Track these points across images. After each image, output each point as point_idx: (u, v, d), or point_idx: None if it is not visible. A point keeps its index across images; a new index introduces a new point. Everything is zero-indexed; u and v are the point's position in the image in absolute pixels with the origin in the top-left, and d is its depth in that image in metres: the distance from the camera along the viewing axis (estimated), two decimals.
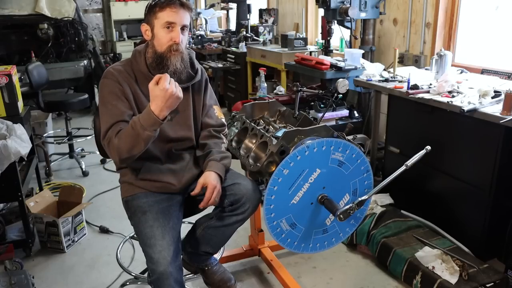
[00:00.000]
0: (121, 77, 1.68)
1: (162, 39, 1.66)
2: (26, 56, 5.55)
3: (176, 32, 1.65)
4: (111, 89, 1.67)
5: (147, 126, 1.53)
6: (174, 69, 1.68)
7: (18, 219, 2.74)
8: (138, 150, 1.59)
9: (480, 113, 2.11)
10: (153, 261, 1.58)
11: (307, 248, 1.74)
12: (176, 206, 1.77)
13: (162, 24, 1.64)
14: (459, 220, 2.40)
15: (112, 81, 1.68)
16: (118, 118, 1.64)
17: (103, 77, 1.71)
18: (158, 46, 1.68)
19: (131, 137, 1.56)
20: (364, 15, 3.45)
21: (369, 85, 2.96)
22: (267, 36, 5.23)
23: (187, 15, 1.67)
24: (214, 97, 1.96)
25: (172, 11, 1.63)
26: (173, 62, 1.67)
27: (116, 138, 1.60)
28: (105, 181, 3.68)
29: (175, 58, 1.67)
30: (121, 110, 1.65)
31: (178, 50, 1.67)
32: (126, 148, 1.58)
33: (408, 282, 2.20)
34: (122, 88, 1.66)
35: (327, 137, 1.65)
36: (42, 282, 2.38)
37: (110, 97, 1.66)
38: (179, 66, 1.68)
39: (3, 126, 2.44)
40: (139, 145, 1.57)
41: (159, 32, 1.66)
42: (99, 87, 1.72)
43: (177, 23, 1.64)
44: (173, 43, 1.66)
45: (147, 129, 1.53)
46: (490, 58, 2.97)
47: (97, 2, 8.52)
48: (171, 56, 1.66)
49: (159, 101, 1.50)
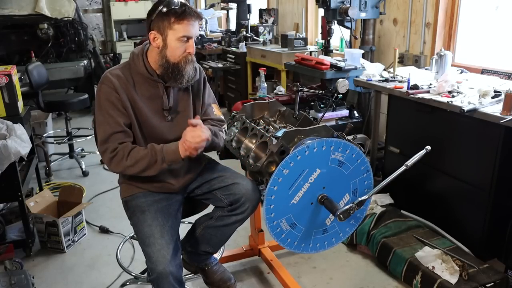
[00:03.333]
0: (118, 84, 1.66)
1: (177, 51, 1.65)
2: (26, 56, 5.55)
3: (191, 44, 1.67)
4: (108, 96, 1.66)
5: (168, 161, 1.63)
6: (188, 77, 1.70)
7: (18, 219, 2.74)
8: (148, 175, 1.66)
9: (480, 113, 2.11)
10: (152, 260, 1.58)
11: (307, 248, 1.74)
12: (175, 205, 1.77)
13: (178, 37, 1.62)
14: (459, 220, 2.40)
15: (109, 88, 1.65)
16: (115, 129, 1.64)
17: (100, 82, 1.69)
18: (171, 57, 1.66)
19: (147, 163, 1.63)
20: (364, 15, 3.45)
21: (369, 85, 2.95)
22: (267, 36, 5.23)
23: (198, 25, 1.70)
24: (213, 96, 1.96)
25: (190, 25, 1.63)
26: (188, 71, 1.69)
27: (128, 159, 1.63)
28: (105, 181, 3.68)
29: (189, 67, 1.69)
30: (118, 121, 1.65)
31: (192, 61, 1.70)
32: (138, 170, 1.64)
33: (408, 282, 2.20)
34: (119, 97, 1.65)
35: (327, 137, 1.65)
36: (42, 282, 2.38)
37: (107, 105, 1.65)
38: (191, 74, 1.71)
39: (3, 126, 2.44)
40: (152, 171, 1.64)
41: (174, 43, 1.64)
42: (96, 90, 1.71)
43: (193, 36, 1.66)
44: (188, 54, 1.67)
45: (166, 162, 1.63)
46: (490, 58, 2.97)
47: (97, 2, 8.52)
48: (186, 66, 1.68)
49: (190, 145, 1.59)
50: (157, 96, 1.73)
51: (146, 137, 1.73)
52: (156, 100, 1.73)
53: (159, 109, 1.74)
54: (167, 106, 1.74)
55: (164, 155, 1.61)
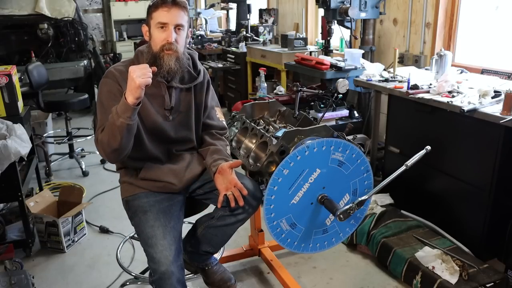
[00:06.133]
0: (121, 78, 1.67)
1: (156, 39, 1.66)
2: (26, 56, 5.54)
3: (169, 31, 1.65)
4: (110, 88, 1.67)
5: (121, 113, 1.51)
6: (168, 69, 1.66)
7: (18, 219, 2.74)
8: (117, 142, 1.55)
9: (480, 113, 2.11)
10: (154, 260, 1.57)
11: (307, 248, 1.74)
12: (177, 206, 1.77)
13: (155, 24, 1.65)
14: (459, 220, 2.40)
15: (112, 81, 1.68)
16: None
17: (104, 76, 1.71)
18: (154, 47, 1.68)
19: (109, 127, 1.55)
20: (364, 15, 3.45)
21: (369, 85, 2.96)
22: (267, 36, 5.23)
23: (181, 14, 1.66)
24: (216, 99, 1.96)
25: (164, 11, 1.63)
26: (166, 62, 1.66)
27: (101, 134, 1.59)
28: (105, 181, 3.68)
29: (169, 58, 1.66)
30: None
31: (171, 50, 1.65)
32: (106, 140, 1.56)
33: (408, 282, 2.20)
34: (121, 90, 1.65)
35: (327, 137, 1.65)
36: (42, 282, 2.38)
37: (108, 97, 1.66)
38: (173, 66, 1.67)
39: (3, 126, 2.44)
40: (116, 135, 1.53)
41: (154, 32, 1.67)
42: (99, 85, 1.72)
43: (169, 22, 1.64)
44: (166, 42, 1.65)
45: (121, 116, 1.51)
46: (490, 58, 2.97)
47: (97, 2, 8.52)
48: (164, 55, 1.65)
49: (128, 86, 1.50)
50: (159, 95, 1.73)
51: (149, 132, 1.73)
52: (158, 99, 1.73)
53: (161, 108, 1.74)
54: (169, 106, 1.74)
55: (117, 110, 1.53)
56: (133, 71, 1.48)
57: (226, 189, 1.68)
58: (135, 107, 1.50)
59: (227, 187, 1.68)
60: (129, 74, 1.49)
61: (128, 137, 1.57)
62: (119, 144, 1.56)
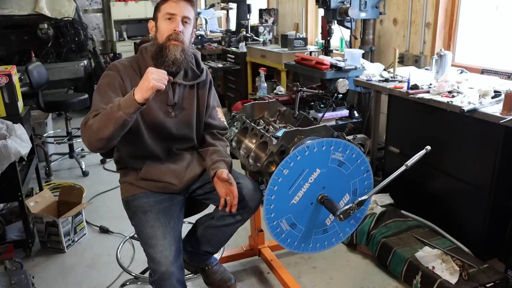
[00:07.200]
0: (125, 72, 1.68)
1: (163, 31, 1.67)
2: (26, 56, 5.55)
3: (176, 22, 1.66)
4: (111, 80, 1.66)
5: (124, 107, 1.46)
6: (174, 59, 1.66)
7: (18, 219, 2.74)
8: (107, 132, 1.48)
9: (480, 113, 2.11)
10: (154, 261, 1.57)
11: (307, 248, 1.74)
12: (177, 206, 1.76)
13: (163, 15, 1.66)
14: (459, 220, 2.40)
15: (115, 73, 1.67)
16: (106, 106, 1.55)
17: (108, 68, 1.71)
18: (160, 38, 1.68)
19: (105, 115, 1.49)
20: (364, 15, 3.45)
21: (369, 85, 2.96)
22: (267, 36, 5.23)
23: (189, 8, 1.68)
24: (217, 99, 1.96)
25: (173, 2, 1.65)
26: (172, 52, 1.65)
27: (92, 119, 1.53)
28: (105, 181, 3.68)
29: (174, 48, 1.65)
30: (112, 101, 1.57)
31: (177, 40, 1.66)
32: (96, 126, 1.49)
33: (408, 282, 2.20)
34: (122, 83, 1.65)
35: (327, 137, 1.65)
36: (42, 282, 2.38)
37: (107, 87, 1.65)
38: (178, 56, 1.66)
39: (3, 126, 2.44)
40: (109, 125, 1.47)
41: (161, 24, 1.68)
42: (102, 75, 1.71)
43: (177, 14, 1.65)
44: (173, 32, 1.65)
45: (122, 109, 1.46)
46: (490, 58, 2.97)
47: (97, 2, 8.52)
48: (170, 45, 1.65)
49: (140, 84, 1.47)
50: (162, 91, 1.72)
51: (149, 128, 1.72)
52: (161, 95, 1.70)
53: (164, 104, 1.74)
54: (172, 102, 1.74)
55: (120, 102, 1.49)
56: (151, 72, 1.46)
57: (226, 194, 1.69)
58: (140, 106, 1.47)
59: (226, 193, 1.69)
60: (146, 73, 1.46)
61: (119, 132, 1.52)
62: (108, 135, 1.50)
